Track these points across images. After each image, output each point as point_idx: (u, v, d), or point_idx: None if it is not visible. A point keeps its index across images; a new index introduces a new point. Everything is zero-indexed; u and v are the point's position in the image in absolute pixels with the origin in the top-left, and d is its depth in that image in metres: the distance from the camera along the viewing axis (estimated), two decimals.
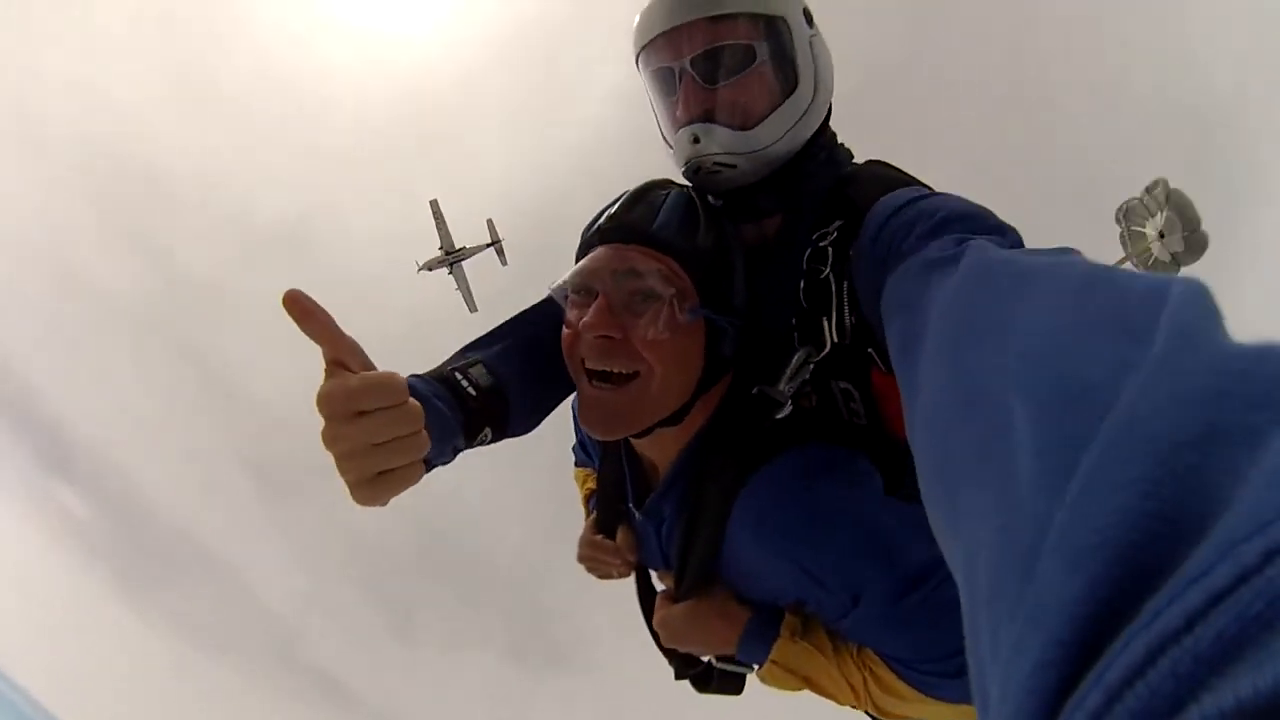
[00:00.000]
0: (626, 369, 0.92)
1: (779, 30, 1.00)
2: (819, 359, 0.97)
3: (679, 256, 0.93)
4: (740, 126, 0.99)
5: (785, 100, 1.01)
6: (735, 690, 1.21)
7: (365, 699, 15.34)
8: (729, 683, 1.19)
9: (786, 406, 0.96)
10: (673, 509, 1.06)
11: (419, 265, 12.79)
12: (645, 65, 1.06)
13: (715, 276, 0.95)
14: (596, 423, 0.95)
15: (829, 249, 0.98)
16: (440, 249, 12.71)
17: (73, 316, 15.49)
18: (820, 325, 0.97)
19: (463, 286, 12.91)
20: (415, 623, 16.41)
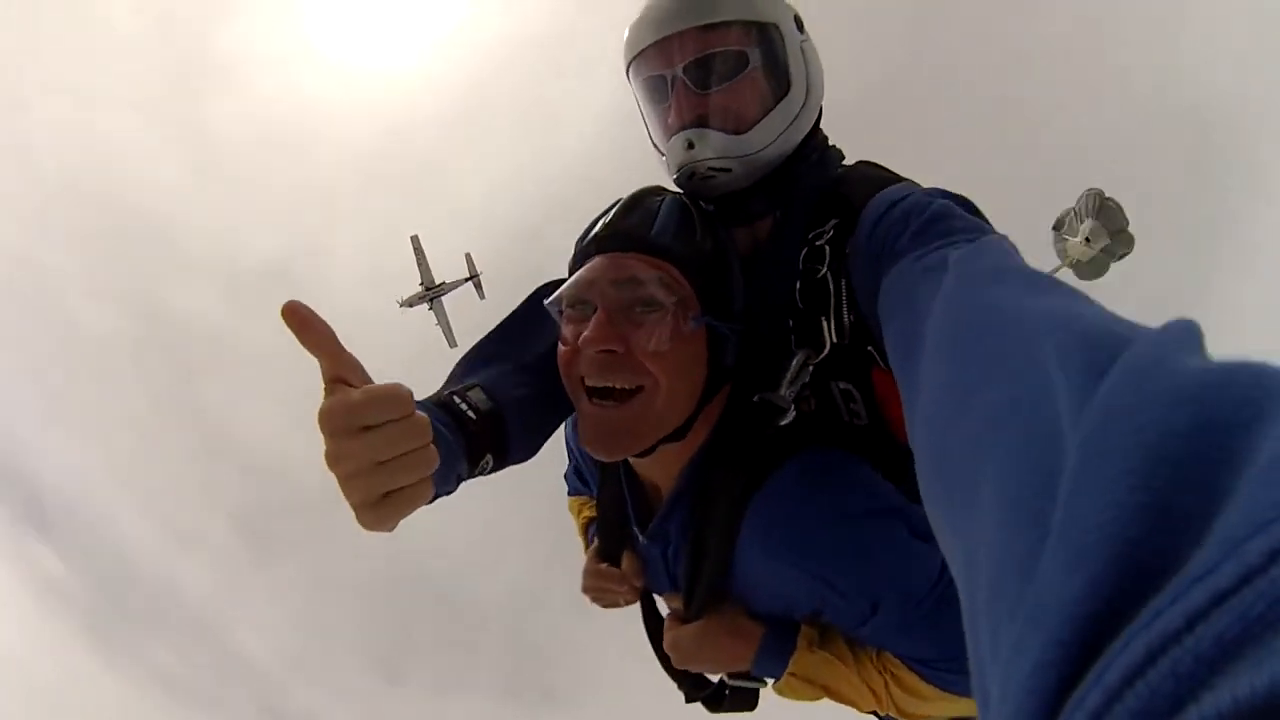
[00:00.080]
0: (630, 384, 0.89)
1: (770, 37, 1.01)
2: (818, 360, 0.96)
3: (679, 263, 0.91)
4: (734, 131, 0.99)
5: (777, 105, 1.02)
6: (749, 707, 1.19)
7: None
8: (742, 700, 1.17)
9: (790, 413, 0.94)
10: (678, 529, 1.04)
11: (400, 302, 12.86)
12: (636, 74, 1.06)
13: (715, 282, 0.94)
14: (600, 442, 0.92)
15: (826, 247, 0.97)
16: (420, 284, 12.84)
17: (54, 361, 15.29)
18: (818, 326, 0.95)
19: (442, 321, 13.06)
20: (405, 666, 16.05)
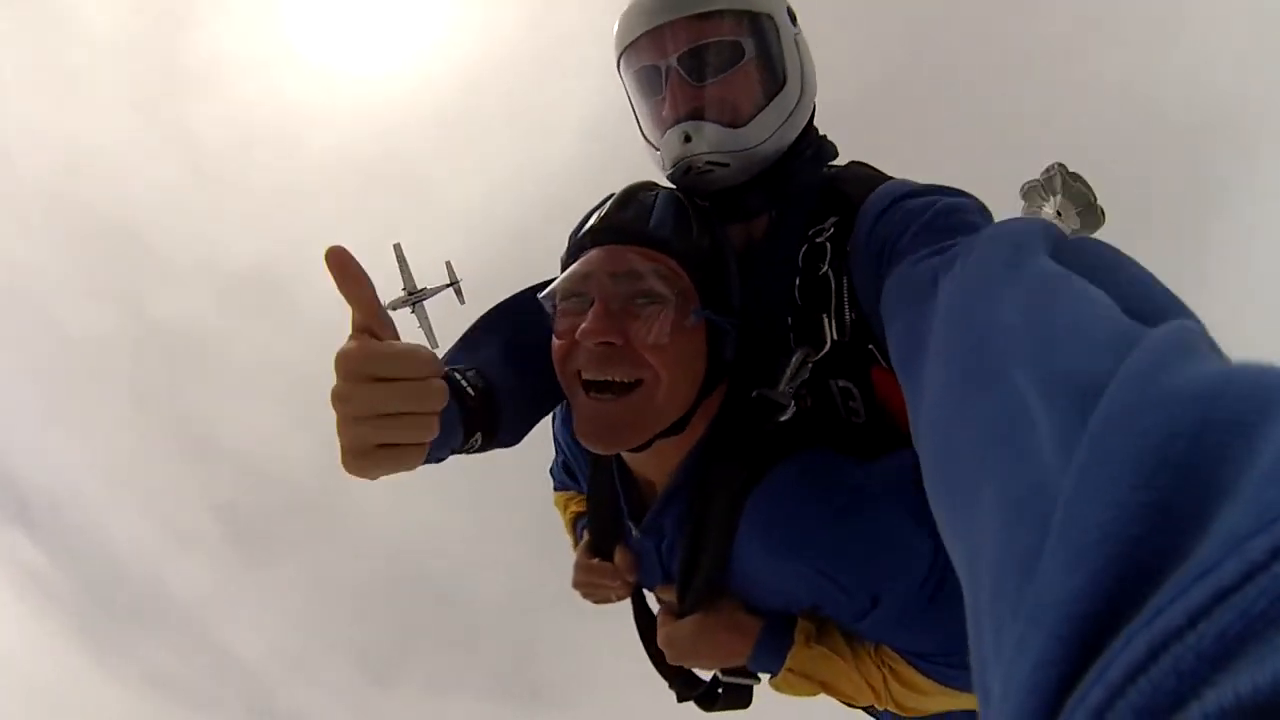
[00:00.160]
0: (629, 377, 0.87)
1: (765, 27, 1.00)
2: (818, 358, 0.95)
3: (677, 256, 0.89)
4: (730, 124, 0.97)
5: (774, 98, 1.00)
6: (743, 704, 1.17)
7: None
8: (736, 697, 1.16)
9: (789, 409, 0.93)
10: (674, 523, 1.02)
11: (384, 305, 13.04)
12: (627, 66, 1.04)
13: (714, 276, 0.93)
14: (598, 436, 0.90)
15: (827, 245, 0.96)
16: (403, 289, 13.05)
17: (42, 364, 15.12)
18: (819, 323, 0.95)
19: (425, 325, 13.22)
20: (398, 666, 15.98)
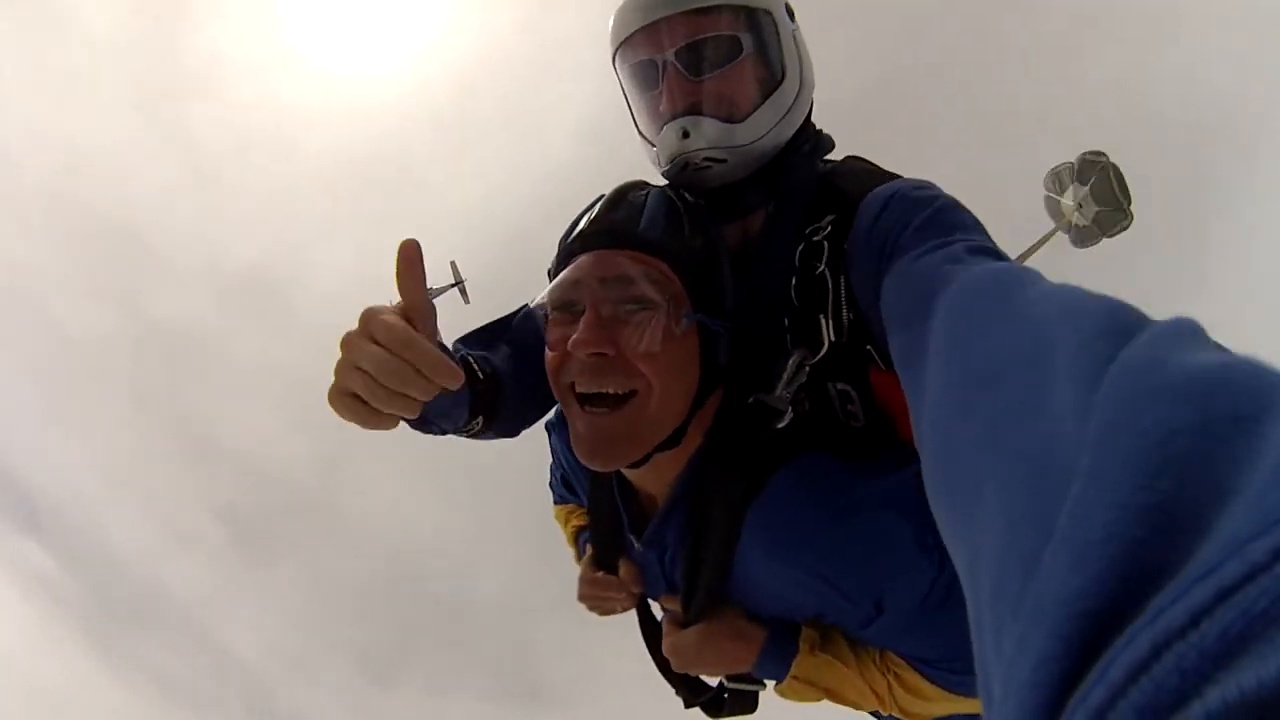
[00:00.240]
0: (622, 388, 0.85)
1: (763, 23, 0.98)
2: (815, 360, 0.93)
3: (669, 258, 0.87)
4: (728, 119, 0.96)
5: (772, 94, 0.99)
6: (749, 709, 1.17)
7: None
8: (741, 703, 1.15)
9: (787, 415, 0.91)
10: (675, 535, 1.01)
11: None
12: (623, 61, 1.03)
13: (706, 278, 0.90)
14: (596, 453, 0.88)
15: (824, 243, 0.94)
16: None
17: (43, 365, 15.13)
18: (816, 324, 0.93)
19: None
20: (396, 667, 15.97)
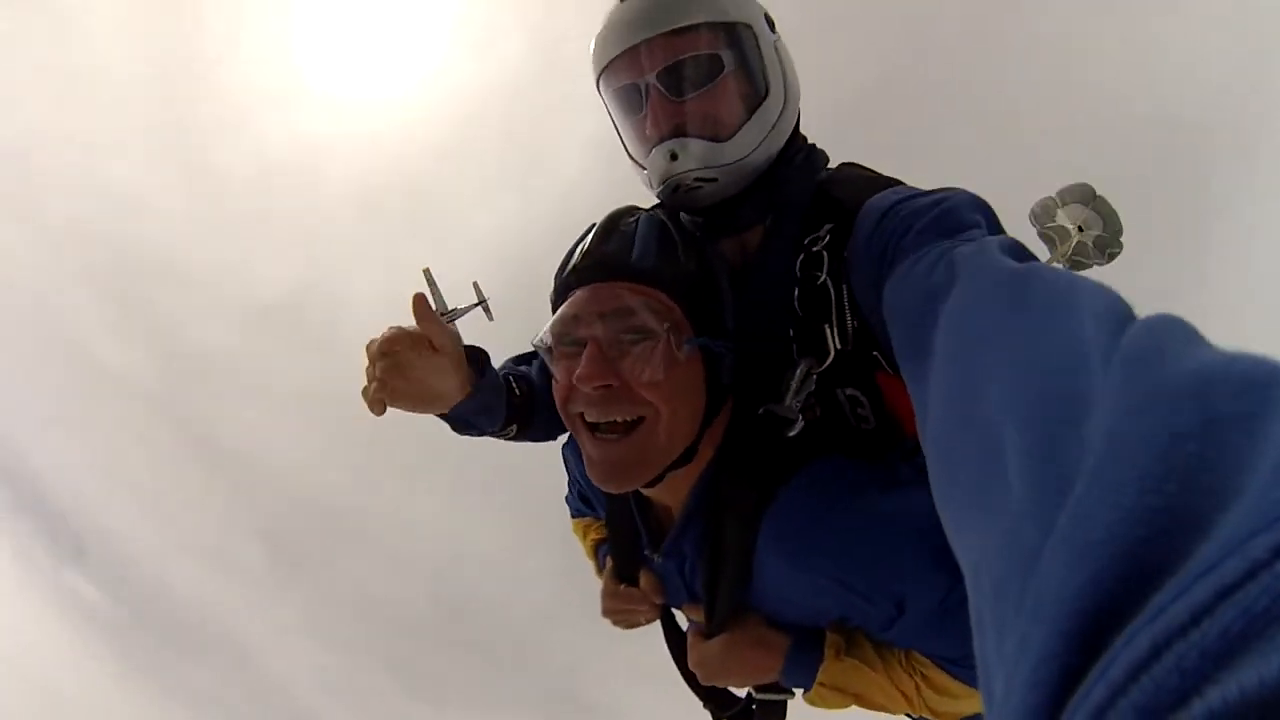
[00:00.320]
0: (630, 416, 0.87)
1: (743, 38, 0.97)
2: (821, 369, 0.93)
3: (665, 286, 0.88)
4: (714, 138, 0.96)
5: (758, 109, 0.98)
6: (779, 719, 1.17)
7: None
8: (771, 713, 1.15)
9: (797, 423, 0.92)
10: (693, 546, 1.02)
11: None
12: (607, 86, 1.03)
13: (704, 301, 0.91)
14: (608, 478, 0.90)
15: (824, 253, 0.94)
16: (436, 311, 13.51)
17: (78, 397, 15.62)
18: (820, 333, 0.93)
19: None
20: (440, 687, 16.11)
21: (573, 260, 0.93)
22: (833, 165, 1.10)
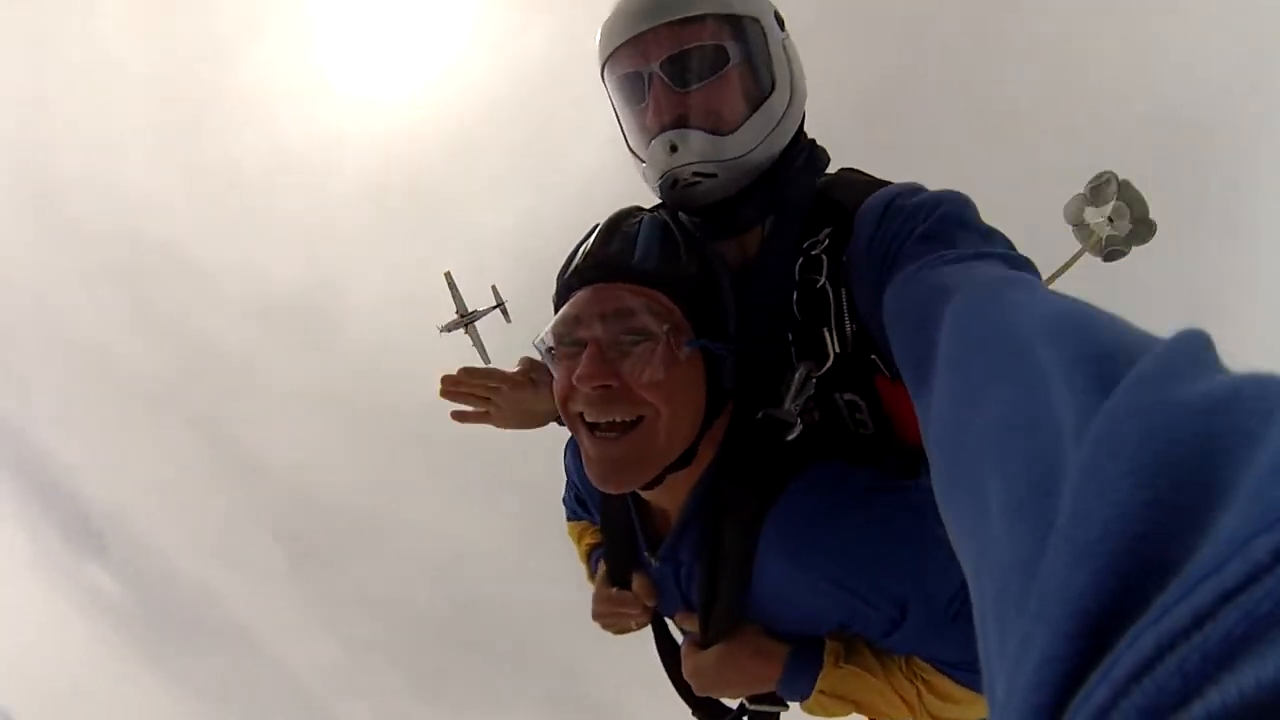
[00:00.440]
0: (629, 416, 0.86)
1: (750, 31, 0.96)
2: (821, 373, 0.92)
3: (666, 287, 0.87)
4: (715, 131, 0.94)
5: (761, 105, 0.97)
6: None
7: None
8: None
9: (796, 427, 0.91)
10: (690, 551, 1.01)
11: (439, 328, 13.87)
12: (611, 75, 1.02)
13: (705, 303, 0.91)
14: (607, 477, 0.89)
15: (823, 257, 0.93)
16: (456, 313, 13.97)
17: (100, 396, 15.84)
18: (820, 337, 0.92)
19: (477, 343, 13.79)
20: (449, 684, 16.17)
21: (575, 261, 0.92)
22: (833, 169, 1.09)
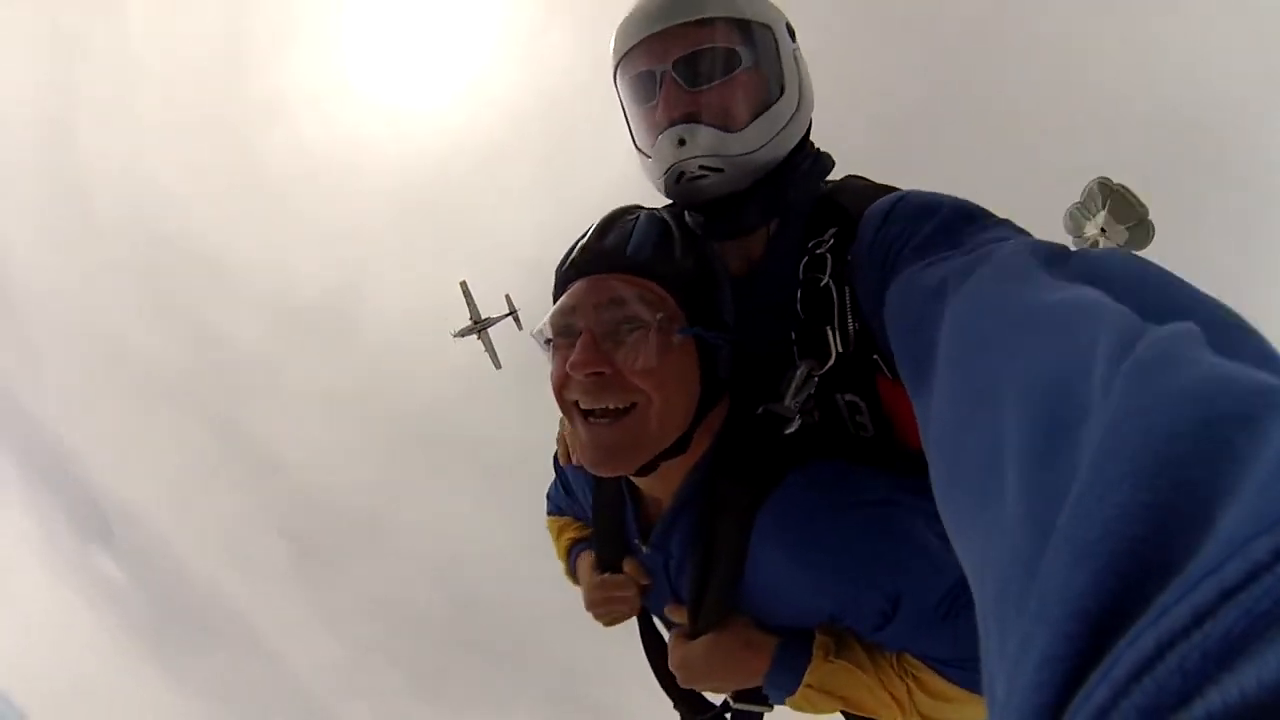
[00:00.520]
0: (622, 403, 0.87)
1: (763, 38, 0.99)
2: (822, 371, 0.93)
3: (660, 278, 0.89)
4: (724, 128, 0.96)
5: (770, 107, 0.99)
6: None
7: None
8: None
9: (795, 421, 0.92)
10: (681, 541, 1.01)
11: (453, 333, 14.16)
12: (623, 74, 1.04)
13: (700, 293, 0.92)
14: (599, 461, 0.90)
15: (827, 256, 0.94)
16: (470, 319, 14.30)
17: (115, 388, 16.00)
18: (822, 335, 0.93)
19: (489, 349, 14.20)
20: (450, 684, 16.13)
21: (571, 255, 0.94)
22: (839, 176, 1.10)
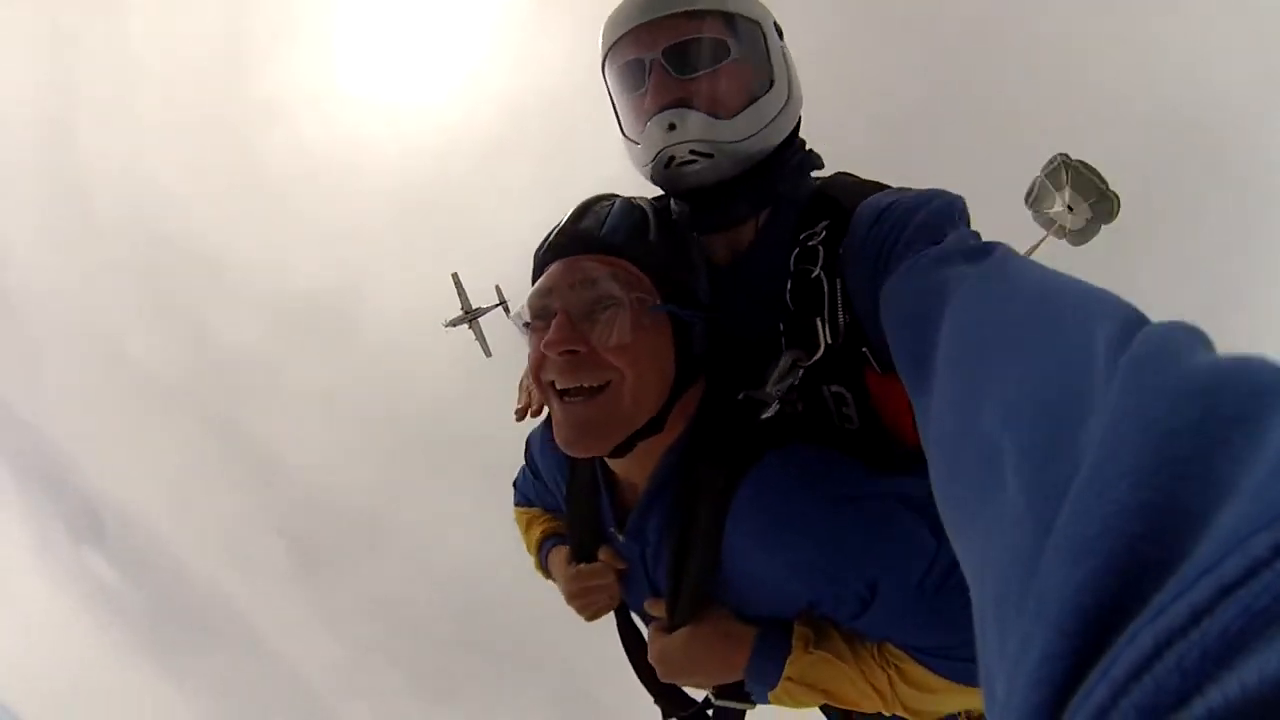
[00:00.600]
0: (597, 381, 0.88)
1: (751, 32, 1.01)
2: (809, 363, 0.93)
3: (633, 257, 0.90)
4: (714, 115, 0.97)
5: (760, 98, 1.00)
6: None
7: None
8: None
9: (773, 405, 0.93)
10: (658, 527, 1.00)
11: (445, 322, 14.50)
12: (612, 63, 1.05)
13: (674, 271, 0.93)
14: (573, 440, 0.91)
15: (819, 248, 0.95)
16: (461, 310, 14.64)
17: (114, 388, 15.99)
18: (811, 327, 0.93)
19: (480, 338, 14.84)
20: (452, 684, 16.16)
21: (548, 239, 0.96)
22: (829, 172, 1.13)
